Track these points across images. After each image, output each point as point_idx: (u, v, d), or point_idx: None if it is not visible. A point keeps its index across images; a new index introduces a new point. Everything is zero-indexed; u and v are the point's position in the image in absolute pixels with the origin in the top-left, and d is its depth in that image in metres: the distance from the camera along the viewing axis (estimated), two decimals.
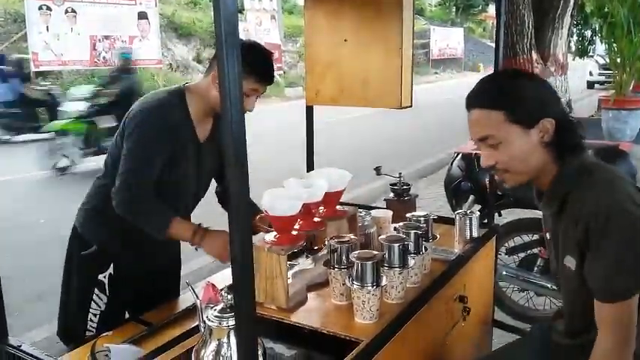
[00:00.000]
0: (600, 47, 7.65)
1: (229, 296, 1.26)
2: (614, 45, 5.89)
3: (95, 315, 1.89)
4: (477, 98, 1.42)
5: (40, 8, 12.38)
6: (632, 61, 5.65)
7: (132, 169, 1.75)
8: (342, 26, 2.24)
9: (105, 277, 1.89)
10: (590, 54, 7.67)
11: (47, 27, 12.52)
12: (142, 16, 14.30)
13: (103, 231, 1.92)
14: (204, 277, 1.94)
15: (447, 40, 28.00)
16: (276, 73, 2.04)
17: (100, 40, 13.41)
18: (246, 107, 1.75)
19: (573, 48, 7.79)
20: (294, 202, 1.59)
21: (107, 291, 1.89)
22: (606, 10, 6.07)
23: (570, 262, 1.40)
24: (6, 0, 14.50)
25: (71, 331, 1.93)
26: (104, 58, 13.56)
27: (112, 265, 1.90)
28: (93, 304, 1.89)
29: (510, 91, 1.40)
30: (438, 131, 10.66)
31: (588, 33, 7.64)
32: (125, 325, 1.70)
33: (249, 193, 0.94)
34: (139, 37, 14.21)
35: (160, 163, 1.78)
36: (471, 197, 3.57)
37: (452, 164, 3.87)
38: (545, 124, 1.36)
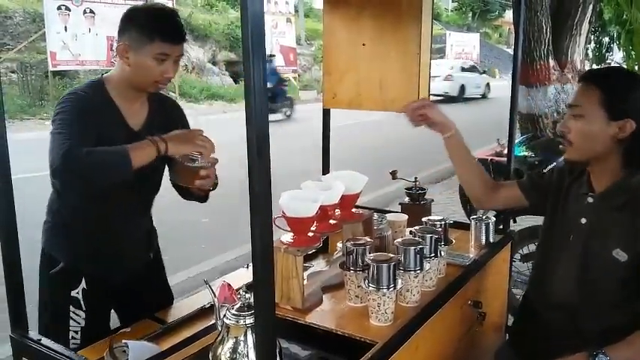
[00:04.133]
0: (618, 54, 7.59)
1: (247, 295, 1.27)
2: (632, 52, 5.84)
3: (77, 332, 1.81)
4: (592, 73, 1.65)
5: (59, 8, 12.56)
6: None
7: (61, 142, 1.52)
8: (361, 31, 2.25)
9: (78, 292, 1.80)
10: (608, 61, 7.60)
11: (65, 27, 12.68)
12: None
13: (68, 246, 1.82)
14: (216, 278, 1.95)
15: (463, 45, 27.92)
16: (290, 76, 1.99)
17: (117, 41, 13.52)
18: (164, 76, 1.68)
19: (591, 55, 7.73)
20: (311, 204, 1.60)
21: (83, 306, 1.80)
22: (625, 17, 6.03)
23: (621, 255, 1.54)
24: (25, 0, 14.72)
25: None
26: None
27: (83, 280, 1.80)
28: (72, 322, 1.81)
29: (617, 81, 1.58)
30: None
31: (606, 40, 7.58)
32: (141, 322, 1.71)
33: (271, 190, 0.95)
34: None
35: (92, 139, 1.57)
36: None
37: None
38: (626, 124, 1.52)
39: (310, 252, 1.86)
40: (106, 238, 1.82)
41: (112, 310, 1.98)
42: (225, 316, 1.26)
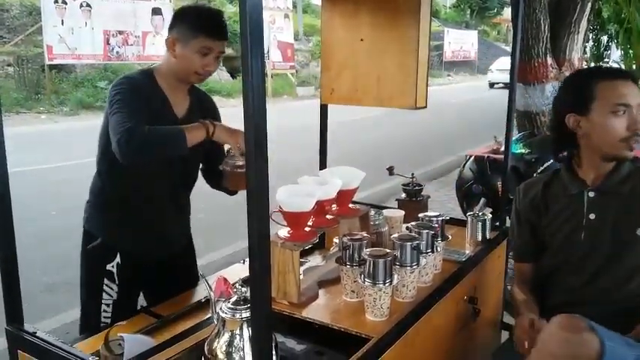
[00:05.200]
0: (616, 53, 7.59)
1: (243, 289, 1.27)
2: (630, 51, 5.85)
3: (108, 305, 1.92)
4: (632, 75, 1.69)
5: (56, 2, 12.49)
6: None
7: (126, 118, 1.67)
8: (359, 26, 2.25)
9: (113, 266, 1.91)
10: (606, 59, 7.60)
11: (62, 21, 12.62)
12: (157, 12, 14.38)
13: (105, 221, 1.95)
14: (213, 272, 1.95)
15: (461, 42, 27.92)
16: (288, 72, 2.08)
17: (113, 35, 13.50)
18: (205, 68, 1.84)
19: (589, 53, 7.73)
20: (308, 199, 1.60)
21: (117, 280, 1.92)
22: (623, 15, 6.03)
23: None
24: None
25: (89, 322, 1.96)
26: (117, 53, 13.65)
27: (118, 255, 1.92)
28: (105, 295, 1.92)
29: None
30: (450, 134, 10.65)
31: (604, 38, 7.58)
32: (137, 316, 1.71)
33: (268, 185, 0.95)
34: (153, 32, 14.29)
35: (145, 120, 1.69)
36: (482, 200, 3.58)
37: (464, 167, 3.87)
38: None
39: (307, 247, 1.87)
40: (144, 216, 1.94)
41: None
42: (221, 309, 1.26)
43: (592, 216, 1.67)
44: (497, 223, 2.28)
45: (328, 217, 1.81)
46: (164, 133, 1.72)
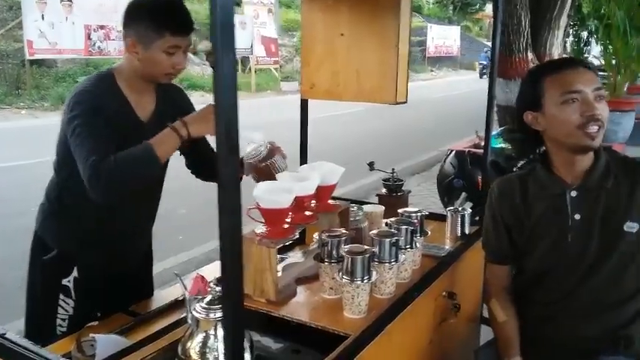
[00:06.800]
0: (596, 49, 7.66)
1: (217, 288, 1.25)
2: (610, 47, 5.90)
3: (64, 320, 1.80)
4: (575, 60, 1.67)
5: None
6: (626, 63, 5.67)
7: (90, 150, 1.55)
8: (339, 20, 2.23)
9: (69, 281, 1.78)
10: (586, 55, 7.67)
11: (42, 15, 12.41)
12: None
13: (63, 232, 1.81)
14: (192, 270, 1.92)
15: (444, 37, 28.01)
16: (271, 67, 2.00)
17: (95, 29, 13.32)
18: (176, 68, 1.69)
19: (569, 49, 7.79)
20: (286, 195, 1.58)
21: (73, 295, 1.79)
22: (603, 11, 6.08)
23: (631, 226, 1.58)
24: None
25: (39, 337, 1.76)
26: (99, 47, 13.48)
27: (75, 269, 1.79)
28: (60, 309, 1.79)
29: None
30: (432, 128, 10.68)
31: (584, 34, 7.65)
32: (114, 315, 1.69)
33: (240, 181, 0.93)
34: None
35: (112, 140, 1.59)
36: (463, 194, 3.57)
37: (445, 161, 3.88)
38: None
39: (285, 244, 1.85)
40: (106, 228, 1.81)
41: None
42: (194, 309, 1.24)
43: (577, 216, 1.63)
44: (477, 218, 2.28)
45: (307, 213, 1.78)
46: (133, 158, 1.55)
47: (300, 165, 2.54)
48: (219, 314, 1.19)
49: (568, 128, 1.57)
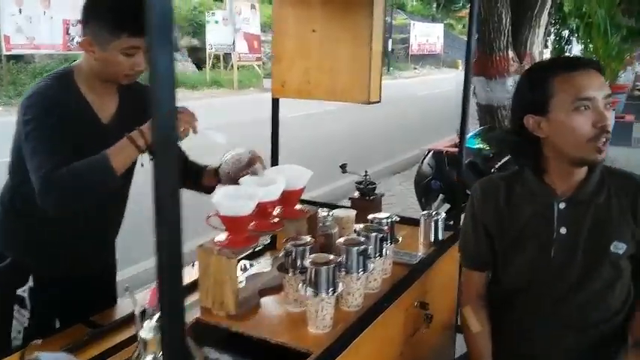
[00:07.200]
0: (577, 47, 7.67)
1: None
2: (590, 45, 5.89)
3: (19, 332, 1.69)
4: (591, 60, 1.50)
5: None
6: (607, 62, 5.66)
7: (42, 160, 1.46)
8: (311, 16, 2.14)
9: (24, 291, 1.68)
10: (567, 53, 7.68)
11: (20, 9, 12.16)
12: None
13: (17, 239, 1.71)
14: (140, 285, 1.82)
15: (427, 35, 28.06)
16: (254, 64, 1.87)
17: (73, 24, 13.06)
18: (135, 69, 1.59)
19: (550, 47, 7.79)
20: (246, 201, 1.49)
21: (28, 306, 1.69)
22: (584, 10, 6.07)
23: (619, 247, 1.47)
24: None
25: None
26: (77, 43, 13.23)
27: (31, 278, 1.68)
28: (15, 321, 1.68)
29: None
30: (415, 126, 10.64)
31: (566, 33, 7.65)
32: (72, 327, 1.58)
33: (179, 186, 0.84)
34: None
35: (69, 145, 1.50)
36: (440, 196, 3.52)
37: (422, 162, 3.81)
38: None
39: (254, 250, 1.76)
40: (63, 236, 1.70)
41: None
42: (142, 328, 1.14)
43: (563, 230, 1.51)
44: (452, 222, 2.21)
45: (273, 220, 1.70)
46: (87, 169, 1.45)
47: (272, 166, 2.46)
48: None
49: (577, 140, 1.41)
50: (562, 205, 1.52)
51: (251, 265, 1.86)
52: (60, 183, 1.43)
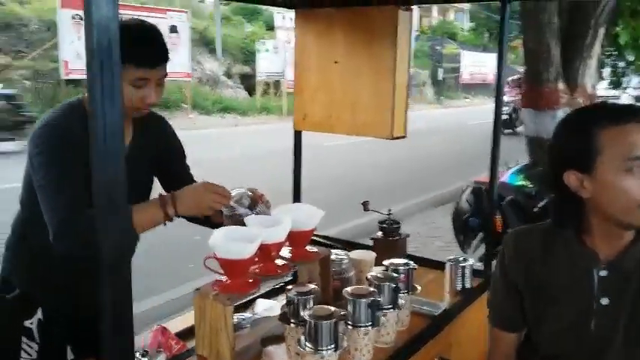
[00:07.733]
0: (635, 80, 7.33)
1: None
2: None
3: None
4: None
5: (73, 18, 12.57)
6: None
7: (57, 202, 1.44)
8: (333, 47, 2.05)
9: (32, 323, 1.63)
10: (624, 86, 7.34)
11: (78, 37, 12.67)
12: (173, 29, 14.53)
13: (27, 271, 1.67)
14: (154, 320, 1.73)
15: (478, 65, 27.70)
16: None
17: None
18: (145, 102, 1.53)
19: (606, 80, 7.47)
20: (246, 244, 1.38)
21: (37, 339, 1.63)
22: None
23: None
24: (40, 8, 14.80)
25: None
26: None
27: (39, 310, 1.64)
28: (23, 353, 1.63)
29: None
30: (463, 157, 10.37)
31: (622, 65, 7.32)
32: None
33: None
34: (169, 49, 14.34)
35: (80, 177, 1.43)
36: (480, 235, 3.32)
37: (461, 197, 3.62)
38: None
39: (275, 286, 1.64)
40: (73, 271, 1.62)
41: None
42: None
43: (604, 301, 1.30)
44: (482, 268, 2.03)
45: (278, 262, 1.58)
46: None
47: (293, 201, 2.35)
48: None
49: (628, 204, 1.21)
50: (603, 273, 1.31)
51: (254, 311, 1.73)
52: (77, 232, 1.40)
